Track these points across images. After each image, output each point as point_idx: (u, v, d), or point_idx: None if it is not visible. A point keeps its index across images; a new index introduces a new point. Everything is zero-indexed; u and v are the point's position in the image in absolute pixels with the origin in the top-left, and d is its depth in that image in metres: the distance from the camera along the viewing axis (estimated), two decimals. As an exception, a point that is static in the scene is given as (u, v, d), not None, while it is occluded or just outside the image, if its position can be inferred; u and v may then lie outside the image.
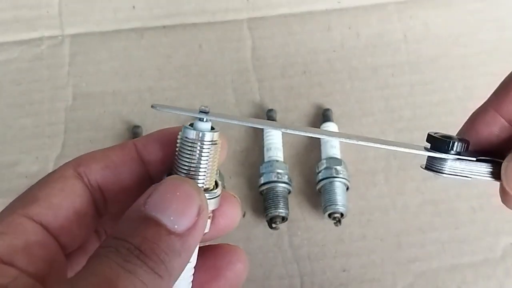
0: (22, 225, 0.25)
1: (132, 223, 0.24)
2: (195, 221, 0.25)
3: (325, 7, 0.58)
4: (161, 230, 0.24)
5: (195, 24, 0.58)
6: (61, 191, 0.27)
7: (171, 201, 0.25)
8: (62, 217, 0.26)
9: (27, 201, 0.26)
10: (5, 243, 0.25)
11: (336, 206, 0.48)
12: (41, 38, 0.57)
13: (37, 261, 0.25)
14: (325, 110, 0.54)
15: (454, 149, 0.29)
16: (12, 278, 0.24)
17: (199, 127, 0.27)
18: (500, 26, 0.57)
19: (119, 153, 0.29)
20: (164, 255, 0.24)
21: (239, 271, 0.29)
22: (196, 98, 0.55)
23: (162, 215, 0.24)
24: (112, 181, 0.28)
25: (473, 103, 0.54)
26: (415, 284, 0.48)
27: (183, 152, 0.27)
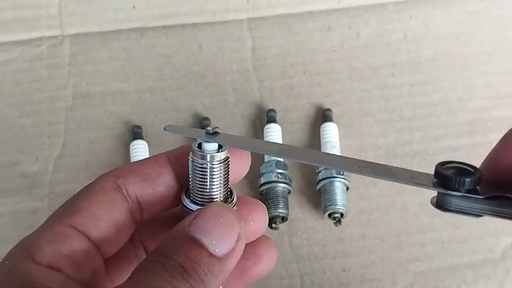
0: (68, 234, 0.28)
1: (178, 241, 0.27)
2: (233, 247, 0.27)
3: (325, 7, 0.58)
4: (203, 251, 0.26)
5: (195, 24, 0.58)
6: (101, 202, 0.29)
7: (214, 226, 0.27)
8: (103, 227, 0.29)
9: (71, 212, 0.28)
10: (53, 251, 0.27)
11: (336, 206, 0.48)
12: (41, 38, 0.57)
13: (81, 268, 0.27)
14: (325, 110, 0.54)
15: (458, 186, 0.26)
16: (60, 282, 0.26)
17: (206, 148, 0.28)
18: (500, 26, 0.57)
19: (155, 166, 0.31)
20: (203, 275, 0.26)
21: (273, 255, 0.33)
22: (196, 98, 0.55)
23: (205, 238, 0.27)
24: (148, 192, 0.30)
25: (473, 103, 0.55)
26: (415, 284, 0.48)
27: (195, 172, 0.29)
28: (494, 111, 0.54)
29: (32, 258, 0.26)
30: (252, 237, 0.32)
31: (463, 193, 0.26)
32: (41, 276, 0.26)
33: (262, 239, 0.33)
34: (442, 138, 0.53)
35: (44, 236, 0.27)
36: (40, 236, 0.28)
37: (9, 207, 0.51)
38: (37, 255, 0.27)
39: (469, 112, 0.54)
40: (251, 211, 0.31)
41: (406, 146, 0.53)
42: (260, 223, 0.32)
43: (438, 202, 0.27)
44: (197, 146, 0.29)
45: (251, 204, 0.32)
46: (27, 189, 0.52)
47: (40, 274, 0.26)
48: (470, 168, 0.27)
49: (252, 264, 0.32)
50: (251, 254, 0.32)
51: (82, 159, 0.53)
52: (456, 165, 0.27)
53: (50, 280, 0.26)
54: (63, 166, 0.53)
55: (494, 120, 0.54)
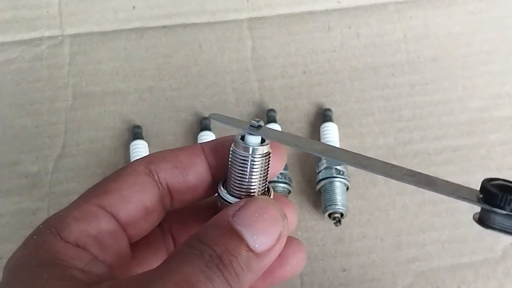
0: (95, 213, 0.27)
1: (219, 230, 0.26)
2: (273, 244, 0.27)
3: (325, 7, 0.58)
4: (242, 245, 0.26)
5: (195, 24, 0.58)
6: (132, 185, 0.29)
7: (258, 221, 0.27)
8: (132, 209, 0.28)
9: (101, 192, 0.28)
10: (80, 229, 0.27)
11: (336, 206, 0.48)
12: (41, 38, 0.57)
13: (107, 249, 0.27)
14: (325, 110, 0.54)
15: (504, 204, 0.25)
16: (86, 261, 0.26)
17: (249, 141, 0.28)
18: (500, 26, 0.57)
19: (188, 155, 0.30)
20: (239, 269, 0.25)
21: (301, 259, 0.32)
22: (196, 98, 0.55)
23: (247, 232, 0.26)
24: (179, 180, 0.30)
25: (473, 103, 0.55)
26: (415, 284, 0.48)
27: (235, 164, 0.28)
28: (494, 111, 0.54)
29: (59, 235, 0.26)
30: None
31: (508, 211, 0.25)
32: (67, 254, 0.26)
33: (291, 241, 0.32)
34: (442, 138, 0.53)
35: (72, 214, 0.27)
36: (68, 213, 0.27)
37: (9, 207, 0.51)
38: (64, 232, 0.26)
39: (469, 112, 0.54)
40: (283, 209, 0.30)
41: (406, 146, 0.53)
42: (292, 222, 0.31)
43: (481, 219, 0.26)
44: (240, 138, 0.29)
45: (283, 202, 0.31)
46: (27, 189, 0.52)
47: (66, 252, 0.26)
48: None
49: (277, 266, 0.31)
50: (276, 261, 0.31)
51: (82, 159, 0.53)
52: (503, 183, 0.26)
53: (75, 259, 0.26)
54: (63, 166, 0.53)
55: (494, 120, 0.54)
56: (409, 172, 0.27)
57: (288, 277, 0.32)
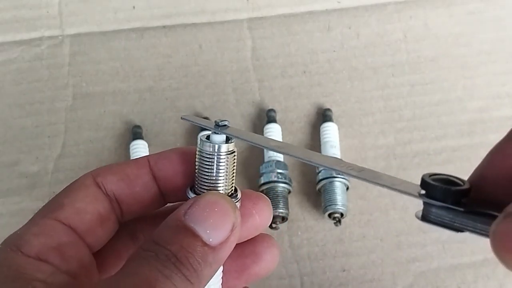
0: (53, 227, 0.28)
1: (172, 230, 0.27)
2: (228, 236, 0.27)
3: (325, 7, 0.58)
4: (197, 241, 0.26)
5: (195, 24, 0.58)
6: (84, 197, 0.29)
7: (209, 215, 0.27)
8: (88, 220, 0.29)
9: (55, 207, 0.29)
10: (40, 243, 0.27)
11: (336, 206, 0.48)
12: (41, 38, 0.57)
13: (69, 259, 0.27)
14: (325, 110, 0.54)
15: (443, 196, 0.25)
16: (48, 273, 0.26)
17: (214, 139, 0.29)
18: (500, 26, 0.57)
19: (134, 167, 0.31)
20: (197, 265, 0.26)
21: (275, 254, 0.32)
22: (196, 98, 0.55)
23: (199, 228, 0.26)
24: (126, 192, 0.30)
25: (473, 103, 0.55)
26: (415, 284, 0.48)
27: (202, 163, 0.29)
28: (494, 111, 0.54)
29: (20, 250, 0.27)
30: (257, 230, 0.32)
31: (448, 204, 0.25)
32: (30, 267, 0.26)
33: (262, 237, 0.32)
34: (442, 138, 0.53)
35: (30, 231, 0.28)
36: (26, 231, 0.28)
37: (9, 207, 0.51)
38: (25, 247, 0.27)
39: (469, 112, 0.54)
40: (255, 204, 0.31)
41: (406, 146, 0.53)
42: (265, 216, 0.32)
43: (423, 215, 0.27)
44: (206, 138, 0.29)
45: (255, 197, 0.31)
46: (27, 189, 0.52)
47: (28, 266, 0.26)
48: (459, 181, 0.26)
49: (250, 263, 0.32)
50: (250, 252, 0.32)
51: (82, 159, 0.53)
52: (445, 177, 0.26)
53: (38, 271, 0.26)
54: (63, 166, 0.53)
55: (494, 120, 0.54)
56: (357, 167, 0.28)
57: (263, 274, 0.32)
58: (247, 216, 0.31)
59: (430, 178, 0.26)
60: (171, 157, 0.31)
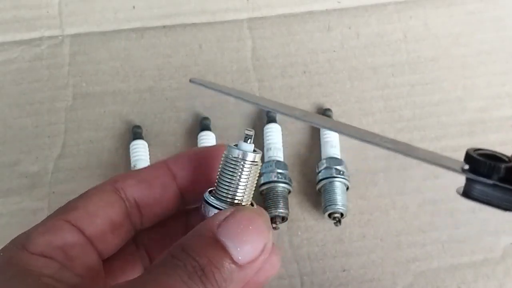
0: (60, 226, 0.28)
1: (203, 241, 0.26)
2: (257, 256, 0.27)
3: (325, 7, 0.58)
4: (226, 257, 0.26)
5: (195, 24, 0.58)
6: (98, 201, 0.29)
7: (242, 232, 0.26)
8: (98, 224, 0.29)
9: (67, 209, 0.29)
10: (45, 241, 0.27)
11: (336, 206, 0.48)
12: (41, 38, 0.57)
13: (74, 259, 0.27)
14: (325, 110, 0.54)
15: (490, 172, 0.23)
16: (55, 269, 0.26)
17: (242, 147, 0.29)
18: (500, 26, 0.57)
19: (151, 170, 0.31)
20: (222, 282, 0.25)
21: (274, 262, 0.31)
22: (196, 98, 0.55)
23: (231, 243, 0.26)
24: (146, 194, 0.30)
25: (473, 103, 0.55)
26: (415, 284, 0.48)
27: (226, 168, 0.29)
28: (494, 111, 0.54)
29: (25, 248, 0.27)
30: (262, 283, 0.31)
31: (495, 180, 0.23)
32: (36, 264, 0.26)
33: None
34: (442, 138, 0.53)
35: (36, 230, 0.28)
36: (33, 230, 0.28)
37: (9, 207, 0.51)
38: (30, 245, 0.27)
39: (469, 112, 0.54)
40: None
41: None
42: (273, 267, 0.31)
43: (466, 191, 0.25)
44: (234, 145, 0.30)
45: None
46: (27, 189, 0.52)
47: (34, 262, 0.26)
48: (505, 157, 0.24)
49: None
50: None
51: (82, 159, 0.53)
52: (489, 153, 0.24)
53: (45, 268, 0.26)
54: (63, 166, 0.53)
55: (494, 120, 0.54)
56: (388, 140, 0.26)
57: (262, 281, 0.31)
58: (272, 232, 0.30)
59: (475, 153, 0.24)
60: (189, 156, 0.31)
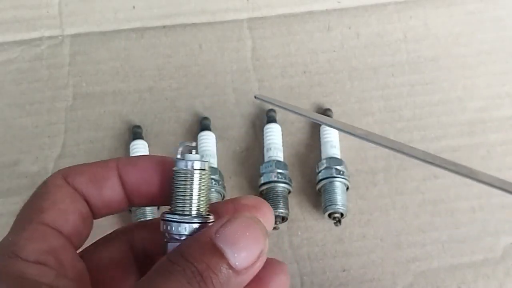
0: (44, 232, 0.28)
1: (201, 247, 0.27)
2: (254, 262, 0.27)
3: (325, 7, 0.58)
4: (223, 262, 0.26)
5: (195, 24, 0.58)
6: (64, 198, 0.29)
7: (240, 239, 0.27)
8: (72, 221, 0.29)
9: (38, 211, 0.28)
10: (35, 248, 0.27)
11: (336, 206, 0.49)
12: (41, 38, 0.57)
13: (63, 263, 0.27)
14: (325, 110, 0.54)
15: None
16: (52, 277, 0.26)
17: (189, 158, 0.29)
18: (500, 26, 0.57)
19: (103, 169, 0.30)
20: (219, 287, 0.26)
21: (282, 282, 0.30)
22: (196, 98, 0.55)
23: (228, 250, 0.26)
24: (95, 194, 0.30)
25: (473, 103, 0.55)
26: (415, 284, 0.48)
27: (178, 181, 0.29)
28: (494, 111, 0.54)
29: (18, 256, 0.26)
30: None
31: None
32: (32, 272, 0.26)
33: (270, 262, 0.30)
34: (442, 138, 0.53)
35: (22, 236, 0.27)
36: (17, 236, 0.27)
37: (9, 207, 0.51)
38: (22, 253, 0.26)
39: (469, 112, 0.54)
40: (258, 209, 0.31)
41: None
42: (267, 221, 0.31)
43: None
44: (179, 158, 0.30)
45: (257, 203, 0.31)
46: (27, 189, 0.52)
47: (31, 271, 0.26)
48: None
49: None
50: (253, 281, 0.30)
51: (82, 159, 0.53)
52: None
53: (42, 276, 0.26)
54: (63, 166, 0.52)
55: (494, 120, 0.54)
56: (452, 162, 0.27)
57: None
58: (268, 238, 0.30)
59: None
60: (138, 164, 0.31)
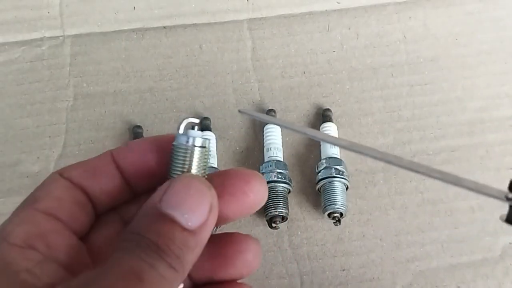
0: (35, 216, 0.27)
1: (149, 219, 0.26)
2: (206, 218, 0.26)
3: (325, 8, 0.58)
4: (175, 227, 0.25)
5: (196, 24, 0.58)
6: (58, 187, 0.29)
7: (184, 199, 0.26)
8: (67, 206, 0.28)
9: (32, 201, 0.28)
10: (24, 230, 0.27)
11: (335, 206, 0.49)
12: (42, 38, 0.57)
13: (55, 247, 0.27)
14: (325, 110, 0.54)
15: None
16: (36, 262, 0.26)
17: (190, 134, 0.29)
18: (499, 26, 0.57)
19: (96, 160, 0.31)
20: (179, 251, 0.25)
21: (248, 260, 0.30)
22: (196, 98, 0.55)
23: (176, 213, 0.26)
24: (91, 184, 0.30)
25: (472, 103, 0.55)
26: (414, 284, 0.49)
27: (177, 156, 0.29)
28: (493, 111, 0.54)
29: (5, 240, 0.26)
30: (252, 209, 0.30)
31: None
32: (16, 256, 0.26)
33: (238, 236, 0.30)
34: (441, 138, 0.53)
35: (12, 221, 0.27)
36: (8, 222, 0.27)
37: (10, 207, 0.51)
38: (10, 237, 0.26)
39: (468, 112, 0.55)
40: (247, 182, 0.29)
41: (406, 146, 0.53)
42: (259, 194, 0.29)
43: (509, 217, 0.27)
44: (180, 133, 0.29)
45: (248, 175, 0.30)
46: (28, 189, 0.52)
47: (15, 254, 0.26)
48: None
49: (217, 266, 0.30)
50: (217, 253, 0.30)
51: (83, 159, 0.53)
52: None
53: (25, 259, 0.26)
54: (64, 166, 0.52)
55: (493, 120, 0.54)
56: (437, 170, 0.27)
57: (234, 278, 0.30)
58: (239, 194, 0.29)
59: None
60: (132, 147, 0.30)
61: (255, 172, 0.30)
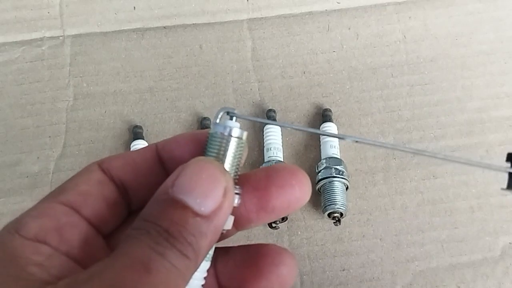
0: (54, 209, 0.27)
1: (160, 205, 0.25)
2: (220, 202, 0.25)
3: (325, 8, 0.58)
4: (187, 212, 0.24)
5: (196, 24, 0.58)
6: (88, 180, 0.28)
7: (196, 183, 0.25)
8: (92, 202, 0.27)
9: (58, 192, 0.28)
10: (38, 224, 0.26)
11: (335, 206, 0.49)
12: (42, 38, 0.58)
13: (70, 240, 0.26)
14: (324, 110, 0.54)
15: None
16: (46, 255, 0.25)
17: (228, 124, 0.28)
18: (499, 27, 0.58)
19: (140, 152, 0.29)
20: (191, 238, 0.24)
21: (282, 275, 0.28)
22: (196, 98, 0.55)
23: (188, 198, 0.25)
24: (132, 177, 0.29)
25: (472, 103, 0.55)
26: (414, 283, 0.49)
27: (212, 146, 0.27)
28: (493, 111, 0.54)
29: (17, 233, 0.25)
30: (297, 204, 0.28)
31: None
32: (26, 249, 0.25)
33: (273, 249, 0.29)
34: (441, 138, 0.53)
35: (29, 214, 0.27)
36: (25, 214, 0.27)
37: (10, 207, 0.52)
38: (23, 229, 0.26)
39: (468, 112, 0.55)
40: (294, 175, 0.28)
41: (405, 146, 0.53)
42: (304, 189, 0.28)
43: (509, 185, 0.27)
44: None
45: (293, 169, 0.28)
46: (28, 189, 0.52)
47: (25, 248, 0.25)
48: None
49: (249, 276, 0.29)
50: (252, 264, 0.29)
51: (83, 159, 0.53)
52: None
53: (35, 253, 0.25)
54: (64, 166, 0.53)
55: (493, 120, 0.54)
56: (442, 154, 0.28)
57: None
58: (287, 187, 0.28)
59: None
60: (178, 140, 0.29)
61: (299, 168, 0.29)
